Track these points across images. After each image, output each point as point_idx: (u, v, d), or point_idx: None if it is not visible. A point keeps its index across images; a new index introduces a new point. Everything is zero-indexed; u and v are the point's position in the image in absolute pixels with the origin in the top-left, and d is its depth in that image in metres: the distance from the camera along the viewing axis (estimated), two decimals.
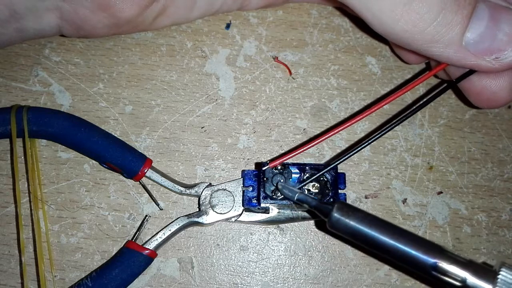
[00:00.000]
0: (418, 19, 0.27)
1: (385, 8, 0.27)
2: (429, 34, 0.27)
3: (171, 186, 0.36)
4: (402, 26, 0.27)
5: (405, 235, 0.27)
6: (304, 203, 0.29)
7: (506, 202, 0.39)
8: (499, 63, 0.28)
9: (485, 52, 0.27)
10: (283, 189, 0.30)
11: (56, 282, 0.36)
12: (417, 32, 0.27)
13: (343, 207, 0.28)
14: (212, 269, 0.37)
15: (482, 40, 0.27)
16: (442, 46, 0.28)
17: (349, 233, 0.28)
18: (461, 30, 0.27)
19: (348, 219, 0.28)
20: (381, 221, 0.28)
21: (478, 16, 0.27)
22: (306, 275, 0.37)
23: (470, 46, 0.27)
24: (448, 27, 0.27)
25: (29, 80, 0.39)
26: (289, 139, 0.39)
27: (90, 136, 0.35)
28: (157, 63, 0.40)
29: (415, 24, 0.27)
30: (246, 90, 0.40)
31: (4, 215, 0.37)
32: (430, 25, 0.27)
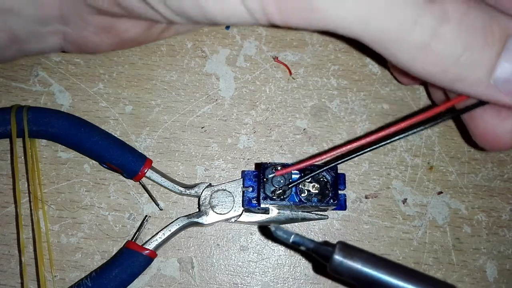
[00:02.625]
0: (439, 60, 0.24)
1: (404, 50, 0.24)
2: (452, 74, 0.25)
3: (171, 186, 0.36)
4: (420, 67, 0.25)
5: (415, 276, 0.26)
6: (301, 246, 0.26)
7: (506, 202, 0.39)
8: None
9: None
10: (276, 231, 0.26)
11: (56, 282, 0.36)
12: (438, 72, 0.25)
13: (345, 249, 0.26)
14: (212, 269, 0.37)
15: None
16: (468, 84, 0.25)
17: (353, 277, 0.26)
18: (489, 69, 0.24)
19: (352, 261, 0.26)
20: (387, 261, 0.26)
21: (509, 51, 0.24)
22: (306, 275, 0.37)
23: (500, 85, 0.25)
24: (474, 67, 0.24)
25: (29, 80, 0.39)
26: (289, 139, 0.39)
27: (90, 136, 0.35)
28: (157, 63, 0.40)
29: (435, 64, 0.24)
30: (246, 90, 0.40)
31: (4, 215, 0.37)
32: (453, 65, 0.24)
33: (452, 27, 0.23)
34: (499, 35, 0.24)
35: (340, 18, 0.24)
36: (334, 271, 0.26)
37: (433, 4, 0.23)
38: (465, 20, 0.24)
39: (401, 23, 0.23)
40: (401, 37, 0.24)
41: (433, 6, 0.23)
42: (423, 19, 0.23)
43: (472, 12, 0.24)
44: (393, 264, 0.26)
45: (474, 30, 0.24)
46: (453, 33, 0.23)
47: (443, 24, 0.23)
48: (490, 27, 0.24)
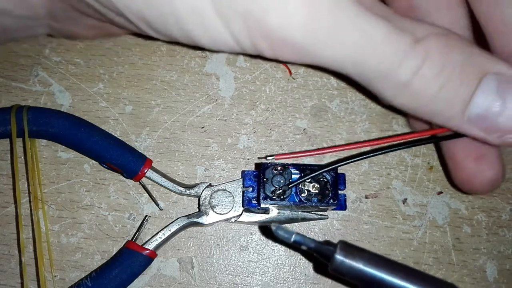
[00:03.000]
0: (419, 96, 0.26)
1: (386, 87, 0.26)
2: (430, 109, 0.26)
3: (171, 186, 0.36)
4: (402, 102, 0.26)
5: (417, 276, 0.26)
6: (302, 245, 0.26)
7: (506, 202, 0.39)
8: (505, 141, 0.26)
9: (489, 128, 0.26)
10: (277, 230, 0.26)
11: (56, 282, 0.36)
12: (418, 107, 0.26)
13: (347, 248, 0.26)
14: (212, 269, 0.37)
15: (487, 116, 0.25)
16: (445, 119, 0.26)
17: (355, 276, 0.26)
18: (463, 105, 0.25)
19: (353, 261, 0.25)
20: (389, 261, 0.26)
21: (483, 89, 0.25)
22: (306, 275, 0.37)
23: (474, 121, 0.26)
24: (450, 104, 0.26)
25: (29, 80, 0.39)
26: (289, 139, 0.39)
27: (90, 136, 0.35)
28: (157, 63, 0.40)
29: (415, 100, 0.26)
30: (246, 90, 0.40)
31: (4, 215, 0.37)
32: (431, 101, 0.26)
33: (432, 67, 0.25)
34: (475, 75, 0.25)
35: (332, 58, 0.25)
36: (336, 270, 0.26)
37: (418, 45, 0.25)
38: (446, 60, 0.25)
39: (388, 64, 0.25)
40: (386, 76, 0.25)
41: (418, 47, 0.25)
42: (408, 60, 0.25)
43: (452, 53, 0.25)
44: (394, 264, 0.26)
45: (452, 69, 0.25)
46: (432, 73, 0.25)
47: (424, 65, 0.25)
48: (467, 66, 0.25)
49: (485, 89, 0.25)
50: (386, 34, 0.24)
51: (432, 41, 0.25)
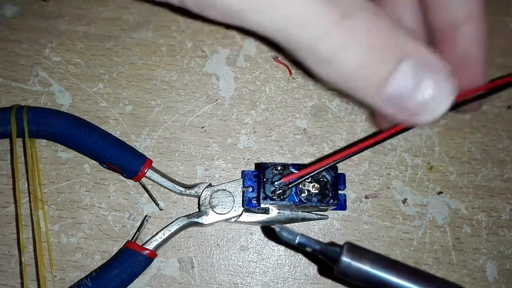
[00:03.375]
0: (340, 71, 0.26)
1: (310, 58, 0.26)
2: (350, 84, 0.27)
3: (171, 186, 0.36)
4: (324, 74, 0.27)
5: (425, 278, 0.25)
6: (307, 247, 0.25)
7: (506, 202, 0.39)
8: (414, 121, 0.27)
9: (401, 108, 0.27)
10: (281, 231, 0.25)
11: (56, 282, 0.36)
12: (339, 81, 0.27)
13: (353, 249, 0.25)
14: (212, 269, 0.37)
15: (400, 97, 0.27)
16: (362, 95, 0.27)
17: (361, 279, 0.25)
18: (379, 84, 0.26)
19: (360, 263, 0.25)
20: (397, 262, 0.25)
21: (401, 71, 0.26)
22: (306, 275, 0.37)
23: (388, 100, 0.27)
24: (367, 81, 0.27)
25: (29, 80, 0.39)
26: (289, 139, 0.39)
27: (90, 136, 0.35)
28: (157, 63, 0.40)
29: (336, 75, 0.27)
30: (246, 90, 0.40)
31: (4, 215, 0.37)
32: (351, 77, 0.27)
33: (357, 45, 0.25)
34: (396, 55, 0.26)
35: (256, 22, 0.25)
36: (342, 273, 0.25)
37: (346, 20, 0.25)
38: (369, 41, 0.25)
39: (315, 35, 0.25)
40: (310, 48, 0.26)
41: (345, 22, 0.25)
42: (334, 34, 0.25)
43: (378, 33, 0.26)
44: (402, 265, 0.25)
45: (375, 49, 0.26)
46: (356, 51, 0.25)
47: (349, 41, 0.25)
48: (390, 47, 0.26)
49: (403, 71, 0.26)
50: (315, 5, 0.25)
51: (360, 17, 0.25)
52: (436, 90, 0.27)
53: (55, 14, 0.40)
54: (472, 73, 0.31)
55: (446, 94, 0.27)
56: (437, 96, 0.27)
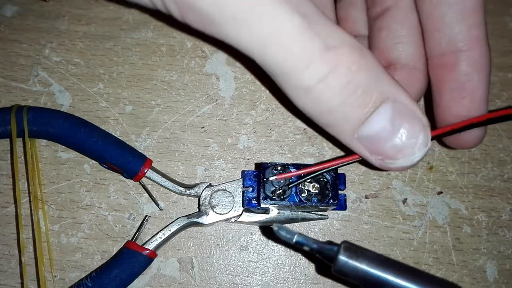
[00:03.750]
0: (318, 103, 0.26)
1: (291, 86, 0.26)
2: (326, 119, 0.27)
3: (171, 186, 0.36)
4: (302, 105, 0.26)
5: (422, 277, 0.25)
6: (304, 246, 0.26)
7: (506, 202, 0.39)
8: (383, 165, 0.27)
9: (374, 151, 0.27)
10: (279, 230, 0.26)
11: (56, 282, 0.36)
12: (315, 115, 0.27)
13: (350, 248, 0.25)
14: (212, 269, 0.37)
15: (374, 140, 0.26)
16: (336, 132, 0.27)
17: (359, 277, 0.25)
18: (356, 125, 0.26)
19: (357, 262, 0.25)
20: (394, 261, 0.26)
21: (379, 115, 0.26)
22: (306, 275, 0.37)
23: (362, 141, 0.27)
24: (344, 119, 0.26)
25: (29, 80, 0.39)
26: (289, 139, 0.39)
27: (90, 136, 0.35)
28: (157, 63, 0.40)
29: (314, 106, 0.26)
30: (246, 90, 0.40)
31: (4, 215, 0.37)
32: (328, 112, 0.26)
33: (337, 80, 0.25)
34: (375, 99, 0.26)
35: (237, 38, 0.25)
36: (339, 272, 0.26)
37: (328, 53, 0.24)
38: (351, 78, 0.25)
39: (295, 63, 0.24)
40: (291, 76, 0.25)
41: (327, 55, 0.24)
42: (314, 66, 0.24)
43: (360, 71, 0.25)
44: (399, 265, 0.26)
45: (356, 88, 0.25)
46: (336, 85, 0.25)
47: (330, 75, 0.25)
48: (371, 89, 0.25)
49: (381, 115, 0.26)
50: (297, 32, 0.24)
51: (343, 53, 0.25)
52: (411, 139, 0.26)
53: (55, 14, 0.40)
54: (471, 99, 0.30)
55: (421, 145, 0.26)
56: (412, 145, 0.26)
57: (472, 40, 0.29)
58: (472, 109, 0.30)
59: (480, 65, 0.30)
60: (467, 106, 0.29)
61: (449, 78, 0.30)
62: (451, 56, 0.30)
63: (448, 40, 0.30)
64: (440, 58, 0.30)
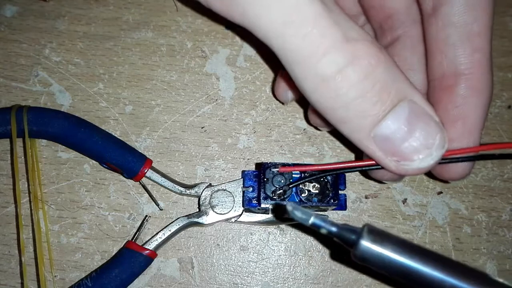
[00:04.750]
0: (334, 97, 0.25)
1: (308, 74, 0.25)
2: (341, 114, 0.26)
3: (171, 186, 0.36)
4: (317, 98, 0.26)
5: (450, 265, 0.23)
6: (321, 229, 0.23)
7: (506, 202, 0.39)
8: (398, 167, 0.26)
9: (390, 151, 0.26)
10: (293, 210, 0.23)
11: (56, 282, 0.36)
12: (331, 108, 0.26)
13: (374, 231, 0.23)
14: (212, 269, 0.37)
15: (391, 139, 0.26)
16: (351, 129, 0.26)
17: (383, 265, 0.23)
18: (373, 122, 0.25)
19: (382, 247, 0.23)
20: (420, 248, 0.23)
21: (396, 113, 0.25)
22: (306, 275, 0.37)
23: (378, 140, 0.26)
24: (361, 114, 0.25)
25: (29, 80, 0.39)
26: (289, 139, 0.39)
27: (90, 136, 0.35)
28: (157, 63, 0.40)
29: (330, 100, 0.25)
30: (246, 90, 0.40)
31: (4, 215, 0.37)
32: (344, 107, 0.25)
33: (357, 72, 0.24)
34: (393, 97, 0.25)
35: (256, 21, 0.24)
36: (361, 258, 0.23)
37: (348, 44, 0.24)
38: (371, 71, 0.25)
39: (312, 51, 0.24)
40: (308, 63, 0.25)
41: (347, 46, 0.24)
42: (333, 54, 0.24)
43: (379, 67, 0.25)
44: (427, 252, 0.23)
45: (374, 83, 0.25)
46: (354, 78, 0.24)
47: (349, 66, 0.24)
48: (389, 86, 0.25)
49: (398, 113, 0.25)
50: (318, 18, 0.24)
51: (362, 46, 0.24)
52: (428, 139, 0.26)
53: (55, 14, 0.40)
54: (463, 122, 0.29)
55: (438, 146, 0.26)
56: (429, 146, 0.26)
57: (474, 64, 0.29)
58: (464, 132, 0.29)
59: (478, 89, 0.29)
60: (459, 129, 0.29)
61: (446, 100, 0.29)
62: (451, 78, 0.29)
63: (450, 62, 0.29)
64: (441, 80, 0.30)
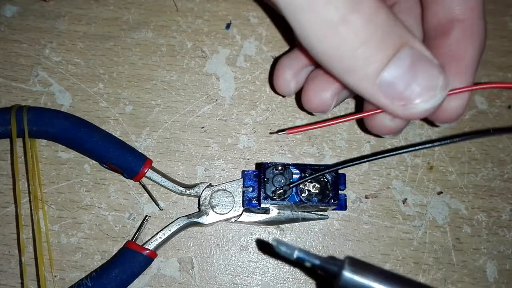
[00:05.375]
0: (340, 44, 0.26)
1: (313, 22, 0.26)
2: (347, 63, 0.27)
3: (171, 186, 0.36)
4: (324, 46, 0.26)
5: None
6: (306, 262, 0.24)
7: (506, 202, 0.39)
8: (405, 111, 0.27)
9: (396, 96, 0.27)
10: (278, 246, 0.24)
11: (56, 282, 0.36)
12: (337, 56, 0.26)
13: (355, 263, 0.24)
14: (212, 269, 0.37)
15: (396, 84, 0.26)
16: (358, 78, 0.27)
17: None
18: (378, 68, 0.26)
19: (362, 278, 0.24)
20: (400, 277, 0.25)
21: (399, 59, 0.26)
22: (306, 275, 0.37)
23: (383, 86, 0.27)
24: (366, 61, 0.26)
25: (29, 80, 0.39)
26: (289, 139, 0.39)
27: (90, 136, 0.35)
28: (157, 63, 0.40)
29: (336, 48, 0.26)
30: (246, 90, 0.40)
31: (4, 215, 0.37)
32: (350, 54, 0.26)
33: (360, 18, 0.25)
34: (395, 42, 0.26)
35: None
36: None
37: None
38: (373, 17, 0.26)
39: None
40: (313, 9, 0.25)
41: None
42: (337, 1, 0.25)
43: (381, 13, 0.26)
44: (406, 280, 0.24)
45: (376, 28, 0.26)
46: (359, 24, 0.25)
47: (354, 12, 0.25)
48: (391, 32, 0.26)
49: (401, 59, 0.26)
50: None
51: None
52: (432, 81, 0.27)
53: (55, 14, 0.40)
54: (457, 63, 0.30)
55: (442, 86, 0.27)
56: (434, 87, 0.27)
57: (468, 10, 0.30)
58: (458, 73, 0.30)
59: (472, 32, 0.30)
60: (453, 69, 0.29)
61: (441, 45, 0.30)
62: (446, 25, 0.30)
63: (445, 9, 0.30)
64: (436, 29, 0.31)
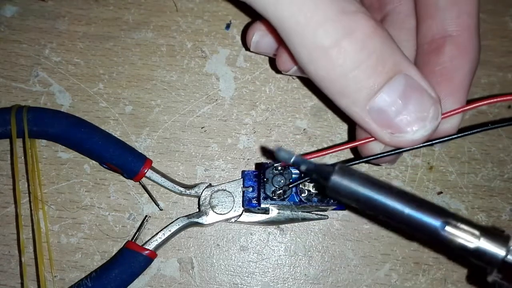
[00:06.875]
0: (332, 68, 0.26)
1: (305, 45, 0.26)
2: (338, 86, 0.26)
3: (171, 186, 0.36)
4: (315, 69, 0.26)
5: (412, 198, 0.25)
6: (301, 165, 0.26)
7: (506, 202, 0.39)
8: (392, 139, 0.27)
9: (385, 124, 0.27)
10: (279, 151, 0.26)
11: (56, 282, 0.36)
12: (329, 80, 0.26)
13: (345, 169, 0.26)
14: (212, 269, 0.37)
15: (386, 112, 0.26)
16: (349, 102, 0.27)
17: (351, 197, 0.25)
18: (369, 94, 0.26)
19: (350, 182, 0.25)
20: (384, 183, 0.26)
21: (391, 86, 0.26)
22: (306, 275, 0.37)
23: (373, 112, 0.26)
24: (357, 86, 0.26)
25: (29, 80, 0.39)
26: (289, 139, 0.39)
27: (90, 136, 0.35)
28: (157, 63, 0.40)
29: (327, 71, 0.26)
30: (246, 90, 0.40)
31: (4, 215, 0.37)
32: (341, 78, 0.26)
33: (352, 43, 0.25)
34: (389, 69, 0.26)
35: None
36: (333, 191, 0.26)
37: (345, 16, 0.25)
38: (366, 43, 0.25)
39: (309, 21, 0.25)
40: (305, 33, 0.25)
41: (343, 18, 0.25)
42: (330, 26, 0.25)
43: (376, 38, 0.25)
44: (390, 186, 0.26)
45: (370, 54, 0.25)
46: (351, 49, 0.25)
47: (346, 38, 0.25)
48: (384, 58, 0.26)
49: (393, 86, 0.26)
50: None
51: (359, 19, 0.25)
52: (422, 112, 0.26)
53: (55, 14, 0.40)
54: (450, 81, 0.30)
55: (432, 118, 0.26)
56: (423, 118, 0.26)
57: (462, 26, 0.30)
58: (450, 93, 0.29)
59: (466, 49, 0.30)
60: (445, 89, 0.29)
61: (433, 61, 0.30)
62: (439, 40, 0.30)
63: (439, 25, 0.30)
64: (430, 44, 0.31)
